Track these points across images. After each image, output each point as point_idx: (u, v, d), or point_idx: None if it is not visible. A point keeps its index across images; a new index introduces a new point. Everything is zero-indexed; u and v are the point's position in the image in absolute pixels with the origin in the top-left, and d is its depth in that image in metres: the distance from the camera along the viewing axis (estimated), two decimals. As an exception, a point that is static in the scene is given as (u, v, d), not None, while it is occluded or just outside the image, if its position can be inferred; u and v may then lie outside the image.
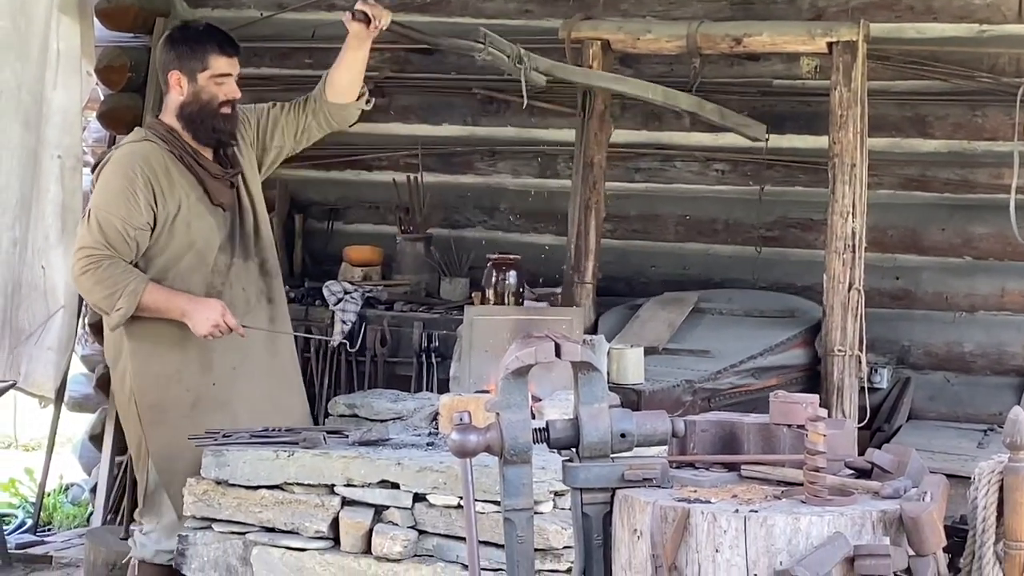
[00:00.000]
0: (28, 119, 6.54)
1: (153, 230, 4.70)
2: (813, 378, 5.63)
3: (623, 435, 2.98)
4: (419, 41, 5.34)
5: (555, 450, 3.06)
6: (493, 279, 5.63)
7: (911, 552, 2.77)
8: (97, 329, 7.23)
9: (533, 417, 3.08)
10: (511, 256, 5.73)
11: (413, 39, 5.31)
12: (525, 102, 4.97)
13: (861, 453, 3.09)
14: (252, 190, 4.96)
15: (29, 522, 7.14)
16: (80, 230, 4.75)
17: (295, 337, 5.60)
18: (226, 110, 4.80)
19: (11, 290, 6.54)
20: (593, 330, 5.73)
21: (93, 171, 7.02)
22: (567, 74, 5.39)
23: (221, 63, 4.78)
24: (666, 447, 3.15)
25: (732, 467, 3.10)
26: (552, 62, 5.26)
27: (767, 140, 6.05)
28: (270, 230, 5.04)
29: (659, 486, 2.94)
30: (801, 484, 2.86)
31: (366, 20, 4.76)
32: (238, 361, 4.81)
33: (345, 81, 5.00)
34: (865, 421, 5.52)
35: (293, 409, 4.89)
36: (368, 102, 5.11)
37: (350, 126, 5.20)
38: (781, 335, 5.76)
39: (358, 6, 4.79)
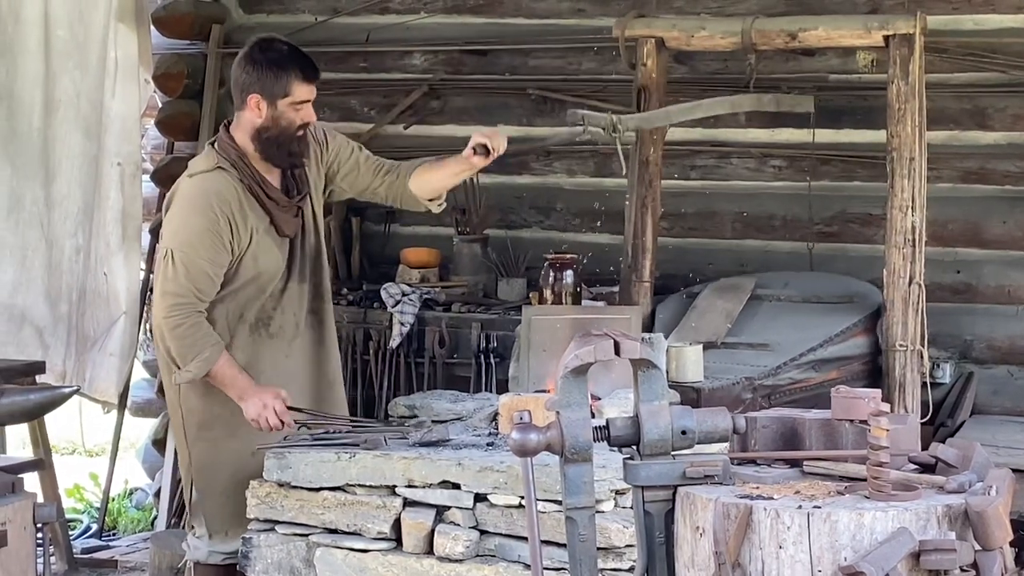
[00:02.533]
0: (88, 127, 6.62)
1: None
2: (875, 369, 5.59)
3: (684, 432, 2.98)
4: (532, 150, 5.49)
5: (616, 448, 3.06)
6: (550, 279, 5.64)
7: (977, 547, 2.75)
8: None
9: (593, 416, 3.08)
10: (568, 255, 5.73)
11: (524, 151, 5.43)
12: (624, 170, 5.06)
13: (925, 449, 3.06)
14: (316, 212, 4.90)
15: (94, 527, 7.22)
16: (161, 270, 4.64)
17: (344, 340, 5.67)
18: (300, 133, 4.73)
19: (76, 297, 6.62)
20: (650, 320, 5.72)
21: (151, 177, 7.15)
22: (652, 123, 5.54)
23: (303, 91, 4.67)
24: (727, 444, 3.14)
25: (794, 463, 3.09)
26: (639, 116, 5.38)
27: (814, 111, 6.00)
28: (326, 252, 5.00)
29: (721, 483, 2.94)
30: (864, 480, 2.84)
31: (486, 152, 4.72)
32: (284, 384, 4.75)
33: (437, 186, 4.93)
34: (928, 417, 5.48)
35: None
36: (440, 206, 5.04)
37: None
38: (841, 323, 5.67)
39: (477, 140, 4.73)
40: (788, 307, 5.93)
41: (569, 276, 5.64)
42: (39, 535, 4.44)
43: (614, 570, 3.80)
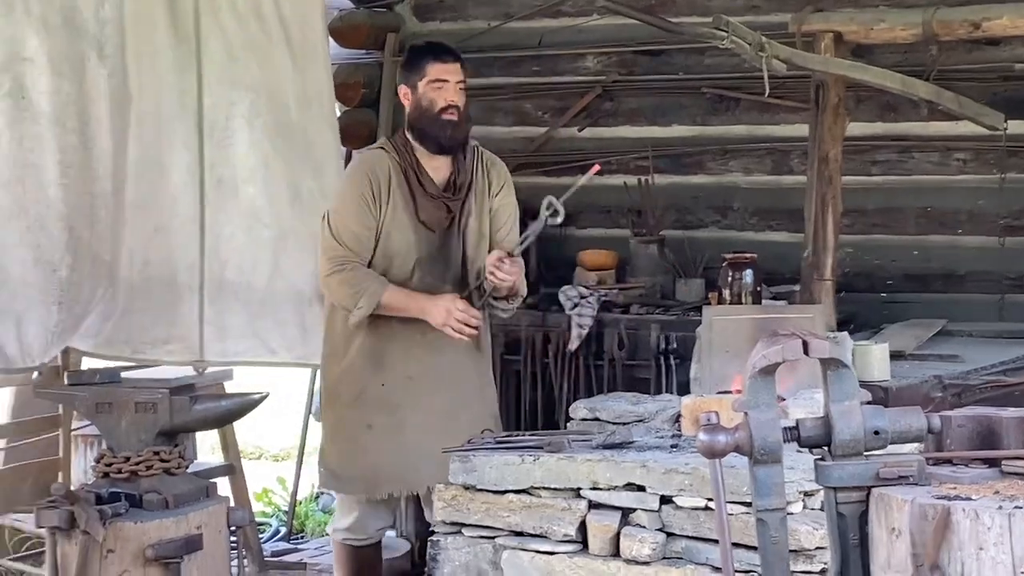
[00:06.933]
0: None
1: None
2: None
3: (876, 432, 2.92)
4: (660, 27, 5.31)
5: (805, 449, 3.02)
6: (729, 279, 5.59)
7: None
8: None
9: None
10: (747, 254, 5.68)
11: (656, 26, 5.28)
12: (767, 91, 4.92)
13: None
14: (470, 224, 5.02)
15: (283, 530, 7.37)
16: (322, 234, 5.00)
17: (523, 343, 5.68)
18: (449, 116, 4.92)
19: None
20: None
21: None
22: (806, 62, 5.30)
23: (435, 68, 4.95)
24: (920, 444, 3.07)
25: (992, 463, 3.00)
26: (792, 50, 5.17)
27: (1005, 128, 5.87)
28: (473, 274, 5.01)
29: (916, 484, 2.87)
30: (1067, 479, 2.76)
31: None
32: (416, 372, 4.97)
33: None
34: None
35: (476, 422, 4.83)
36: None
37: None
38: (1033, 349, 5.61)
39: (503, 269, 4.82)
40: (978, 339, 5.92)
41: (748, 275, 5.59)
42: (233, 538, 4.54)
43: (804, 572, 3.74)
